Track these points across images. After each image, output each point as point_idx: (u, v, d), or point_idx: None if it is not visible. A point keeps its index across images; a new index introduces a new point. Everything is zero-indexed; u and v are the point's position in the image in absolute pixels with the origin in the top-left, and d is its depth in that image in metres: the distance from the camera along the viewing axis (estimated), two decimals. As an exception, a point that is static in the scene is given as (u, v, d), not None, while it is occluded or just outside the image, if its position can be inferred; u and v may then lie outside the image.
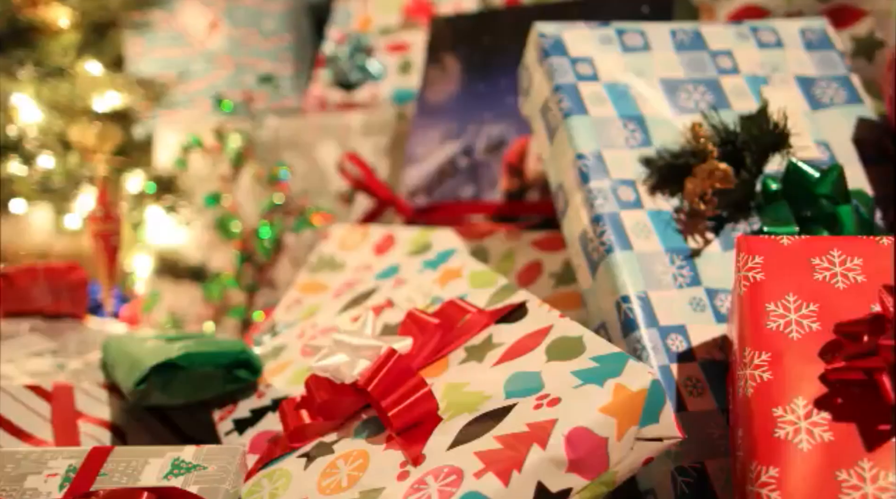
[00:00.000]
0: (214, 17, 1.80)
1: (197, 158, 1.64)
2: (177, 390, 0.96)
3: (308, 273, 1.27)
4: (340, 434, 0.82)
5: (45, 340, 1.22)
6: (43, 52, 1.52)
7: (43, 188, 1.63)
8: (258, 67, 1.79)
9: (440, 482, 0.68)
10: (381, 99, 1.63)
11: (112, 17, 1.59)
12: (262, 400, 0.96)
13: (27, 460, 0.83)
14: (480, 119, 1.31)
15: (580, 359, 0.74)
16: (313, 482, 0.77)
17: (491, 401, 0.75)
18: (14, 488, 0.79)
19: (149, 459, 0.81)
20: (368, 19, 1.73)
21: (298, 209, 1.57)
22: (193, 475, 0.78)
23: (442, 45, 1.40)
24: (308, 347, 1.00)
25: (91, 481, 0.79)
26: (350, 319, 1.02)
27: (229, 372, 0.97)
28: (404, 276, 1.05)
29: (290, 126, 1.61)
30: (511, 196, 1.26)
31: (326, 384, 0.83)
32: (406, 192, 1.36)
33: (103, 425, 1.00)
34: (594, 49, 1.03)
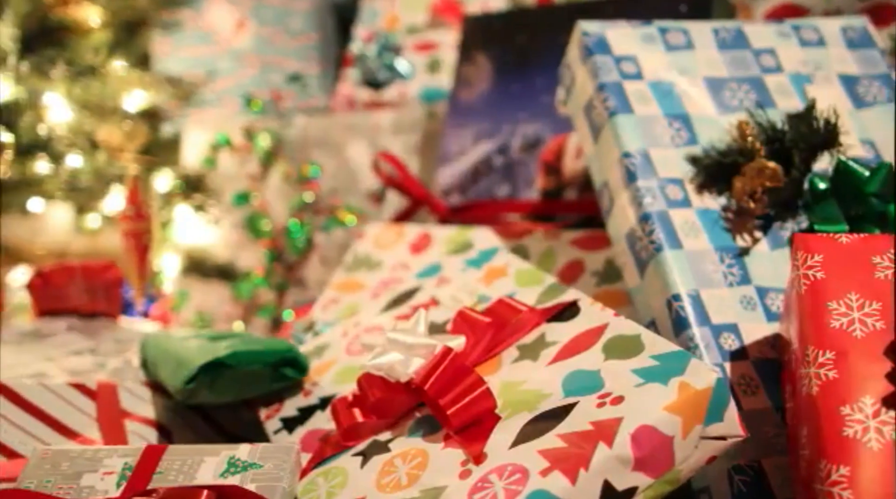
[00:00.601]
0: (241, 15, 1.80)
1: (225, 157, 1.64)
2: (224, 389, 0.96)
3: (344, 272, 1.27)
4: (395, 433, 0.82)
5: (83, 338, 1.23)
6: (74, 52, 1.52)
7: (70, 187, 1.63)
8: (285, 66, 1.79)
9: (504, 481, 0.68)
10: (409, 98, 1.63)
11: (142, 16, 1.59)
12: (309, 399, 0.96)
13: (81, 458, 0.83)
14: (515, 118, 1.31)
15: (640, 357, 0.74)
16: (371, 481, 0.77)
17: (550, 399, 0.75)
18: (71, 486, 0.79)
19: (204, 457, 0.81)
20: (395, 18, 1.73)
21: (328, 208, 1.57)
22: (250, 474, 0.79)
23: (474, 45, 1.40)
24: (356, 346, 1.01)
25: (147, 480, 0.79)
26: (394, 318, 1.02)
27: (275, 370, 0.98)
28: (447, 274, 1.05)
29: (319, 125, 1.61)
30: (548, 195, 1.26)
31: (380, 383, 0.83)
32: (439, 191, 1.36)
33: (149, 424, 1.00)
34: (637, 47, 1.03)
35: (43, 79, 1.48)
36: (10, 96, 1.45)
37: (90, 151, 1.60)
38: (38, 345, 1.19)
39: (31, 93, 1.48)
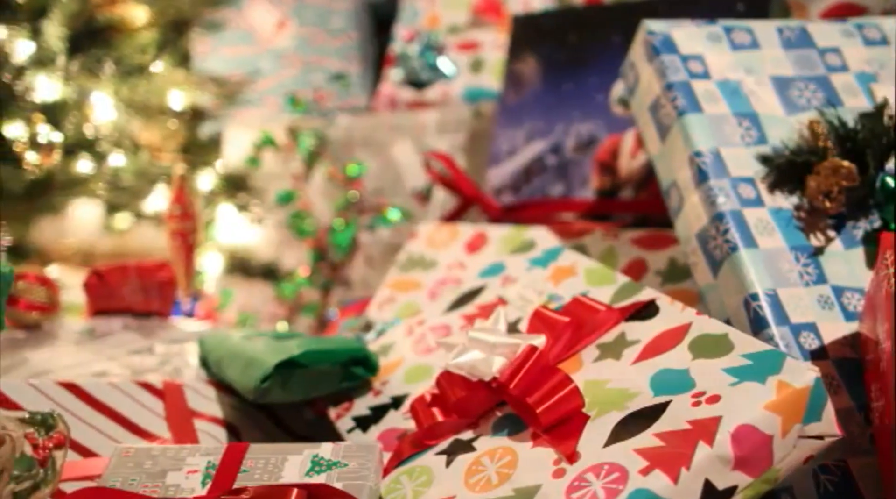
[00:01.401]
0: (282, 15, 1.81)
1: (268, 157, 1.64)
2: (295, 388, 0.96)
3: (398, 271, 1.27)
4: (477, 432, 0.82)
5: (140, 337, 1.23)
6: (120, 51, 1.52)
7: (112, 187, 1.63)
8: (325, 66, 1.79)
9: (602, 480, 0.68)
10: (452, 97, 1.63)
11: (187, 15, 1.59)
12: (380, 398, 0.96)
13: (164, 457, 0.83)
14: (569, 117, 1.31)
15: (730, 356, 0.74)
16: (459, 480, 0.77)
17: (639, 398, 0.75)
18: (157, 485, 0.79)
19: (287, 456, 0.82)
20: (436, 17, 1.73)
21: (373, 207, 1.57)
22: (335, 472, 0.79)
23: (524, 44, 1.40)
24: (423, 345, 1.01)
25: (233, 478, 0.79)
26: (460, 317, 1.02)
27: (345, 369, 0.98)
28: (512, 274, 1.05)
29: (363, 125, 1.62)
30: (603, 194, 1.26)
31: (461, 382, 0.83)
32: (491, 190, 1.36)
33: (217, 423, 1.01)
34: (703, 47, 1.03)
35: (91, 78, 1.48)
36: (58, 96, 1.45)
37: (133, 150, 1.60)
38: (97, 344, 1.19)
39: (79, 92, 1.48)
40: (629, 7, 1.31)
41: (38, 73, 1.45)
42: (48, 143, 1.43)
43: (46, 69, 1.45)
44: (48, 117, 1.45)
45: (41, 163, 1.43)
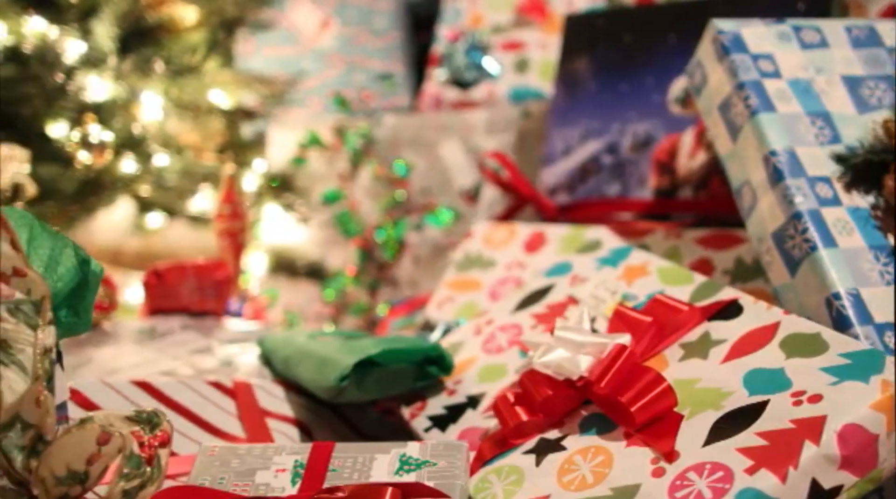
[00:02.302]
0: (325, 15, 1.81)
1: (314, 156, 1.64)
2: (370, 387, 0.96)
3: (456, 271, 1.28)
4: (563, 431, 0.82)
5: (200, 337, 1.23)
6: (169, 51, 1.52)
7: (157, 186, 1.63)
8: (368, 66, 1.79)
9: (706, 479, 0.68)
10: (498, 97, 1.63)
11: (238, 15, 1.60)
12: (455, 397, 0.96)
13: (250, 456, 0.83)
14: (625, 117, 1.31)
15: (827, 356, 0.74)
16: (552, 479, 0.77)
17: (733, 398, 0.75)
18: (246, 484, 0.79)
19: (374, 455, 0.81)
20: (479, 17, 1.73)
21: (420, 207, 1.57)
22: (425, 471, 0.78)
23: (578, 44, 1.39)
24: (494, 345, 1.00)
25: (322, 477, 0.79)
26: (530, 316, 1.02)
27: (419, 369, 0.98)
28: (580, 273, 1.04)
29: (410, 124, 1.62)
30: (661, 194, 1.26)
31: (546, 381, 0.83)
32: (545, 189, 1.36)
33: (290, 422, 1.01)
34: (773, 46, 1.02)
35: (143, 78, 1.48)
36: (108, 95, 1.46)
37: (179, 150, 1.60)
38: (158, 343, 1.19)
39: (129, 92, 1.48)
40: (686, 7, 1.31)
41: (88, 72, 1.45)
42: (99, 143, 1.43)
43: (97, 69, 1.45)
44: (99, 117, 1.45)
45: (92, 163, 1.44)
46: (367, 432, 1.06)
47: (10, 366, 0.66)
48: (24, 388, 0.66)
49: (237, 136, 1.73)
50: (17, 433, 0.67)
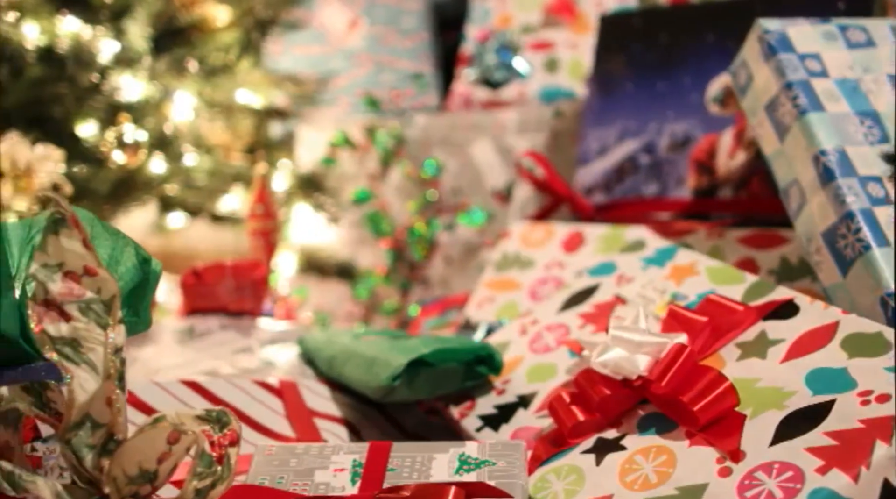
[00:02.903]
0: (354, 15, 1.81)
1: (343, 156, 1.64)
2: (421, 387, 0.96)
3: (494, 271, 1.27)
4: (621, 430, 0.82)
5: (240, 337, 1.23)
6: (202, 51, 1.52)
7: (186, 186, 1.63)
8: (397, 66, 1.79)
9: (776, 479, 0.68)
10: (528, 97, 1.63)
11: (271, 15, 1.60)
12: (505, 397, 0.96)
13: (307, 455, 0.83)
14: (662, 117, 1.31)
15: (890, 355, 0.74)
16: (613, 479, 0.77)
17: (797, 397, 0.75)
18: (305, 483, 0.79)
19: (432, 454, 0.82)
20: (508, 17, 1.73)
21: (452, 207, 1.57)
22: (485, 471, 0.78)
23: (613, 44, 1.39)
24: (540, 344, 1.00)
25: (382, 477, 0.79)
26: (577, 316, 1.02)
27: (469, 368, 0.98)
28: (626, 273, 1.04)
29: (441, 124, 1.62)
30: (700, 194, 1.25)
31: (603, 380, 0.83)
32: (580, 189, 1.36)
33: (338, 422, 1.01)
34: (819, 45, 1.02)
35: (177, 77, 1.48)
36: (142, 95, 1.46)
37: (209, 149, 1.60)
38: (198, 343, 1.19)
39: (163, 92, 1.48)
40: (723, 6, 1.31)
41: (122, 72, 1.45)
42: (134, 142, 1.43)
43: (131, 69, 1.45)
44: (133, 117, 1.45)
45: (127, 163, 1.44)
46: (412, 431, 1.06)
47: (81, 365, 0.67)
48: (95, 387, 0.66)
49: (266, 135, 1.73)
50: (87, 432, 0.67)
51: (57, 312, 0.67)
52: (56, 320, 0.66)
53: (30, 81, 1.48)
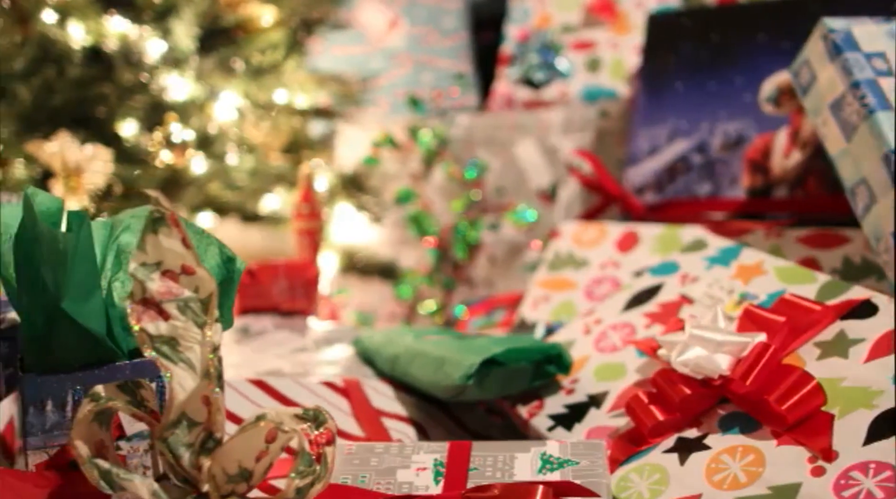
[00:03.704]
0: (394, 14, 1.81)
1: (386, 156, 1.64)
2: (490, 386, 0.96)
3: (547, 270, 1.27)
4: (702, 430, 0.82)
5: (295, 336, 1.23)
6: (247, 51, 1.52)
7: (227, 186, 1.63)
8: (437, 66, 1.79)
9: (874, 478, 0.68)
10: (570, 97, 1.63)
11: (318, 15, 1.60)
12: (574, 396, 0.96)
13: (388, 454, 0.83)
14: (715, 116, 1.30)
15: (980, 355, 0.74)
16: (699, 478, 0.77)
17: (885, 397, 0.75)
18: (388, 482, 0.79)
19: (514, 453, 0.81)
20: (548, 17, 1.73)
21: (496, 206, 1.57)
22: (569, 470, 0.78)
23: (661, 43, 1.39)
24: (606, 343, 1.00)
25: (465, 476, 0.79)
26: (643, 315, 1.02)
27: (538, 368, 0.98)
28: (690, 272, 1.04)
29: (484, 124, 1.61)
30: (755, 193, 1.25)
31: (683, 380, 0.83)
32: (631, 189, 1.36)
33: (405, 421, 1.00)
34: (885, 44, 1.02)
35: (225, 77, 1.48)
36: (188, 95, 1.46)
37: (250, 150, 1.60)
38: (255, 342, 1.19)
39: (209, 92, 1.48)
40: (775, 6, 1.30)
41: (169, 72, 1.45)
42: (182, 142, 1.43)
43: (178, 69, 1.45)
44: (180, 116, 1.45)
45: (174, 162, 1.44)
46: (475, 430, 1.06)
47: (179, 363, 0.67)
48: (193, 385, 0.66)
49: (307, 135, 1.73)
50: (184, 431, 0.67)
51: (155, 311, 0.67)
52: (155, 319, 0.66)
53: (75, 81, 1.48)
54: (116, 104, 1.50)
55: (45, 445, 0.76)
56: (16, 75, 1.45)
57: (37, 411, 0.76)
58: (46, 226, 0.73)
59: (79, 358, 0.76)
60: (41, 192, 0.77)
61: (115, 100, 1.50)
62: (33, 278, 0.74)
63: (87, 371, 0.76)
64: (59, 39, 1.46)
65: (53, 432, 0.76)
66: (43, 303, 0.74)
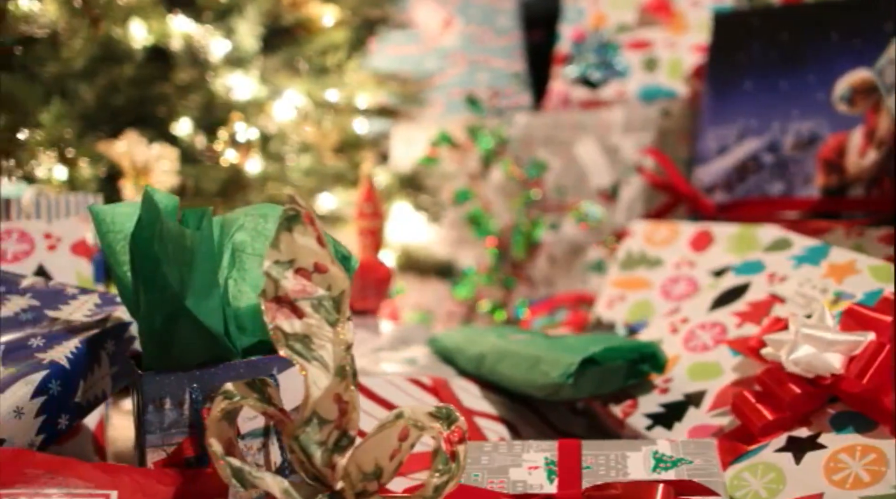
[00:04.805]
0: (448, 14, 1.81)
1: (443, 155, 1.64)
2: (585, 385, 0.96)
3: (620, 270, 1.27)
4: (813, 429, 0.82)
5: (371, 335, 1.23)
6: (309, 50, 1.52)
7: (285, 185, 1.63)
8: (491, 65, 1.79)
9: None
10: (628, 96, 1.63)
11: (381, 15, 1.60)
12: (669, 395, 0.96)
13: (497, 453, 0.83)
14: (787, 116, 1.30)
15: None
16: (819, 477, 0.76)
17: None
18: (501, 480, 0.79)
19: (624, 452, 0.81)
20: (602, 16, 1.73)
21: (556, 206, 1.57)
22: (684, 469, 0.78)
23: (729, 43, 1.39)
24: (697, 343, 1.00)
25: (578, 474, 0.79)
26: (732, 314, 1.02)
27: (632, 367, 0.98)
28: (777, 271, 1.04)
29: (543, 123, 1.61)
30: (830, 192, 1.25)
31: (792, 379, 0.83)
32: (700, 188, 1.36)
33: (496, 420, 1.00)
34: (973, 43, 1.02)
35: (290, 77, 1.48)
36: (252, 94, 1.46)
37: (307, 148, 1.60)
38: (332, 341, 1.19)
39: (272, 91, 1.48)
40: (846, 5, 1.30)
41: (233, 71, 1.45)
42: (246, 142, 1.43)
43: (242, 68, 1.45)
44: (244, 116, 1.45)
45: (239, 161, 1.44)
46: (561, 428, 1.06)
47: (312, 362, 0.67)
48: (326, 383, 0.66)
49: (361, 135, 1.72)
50: (314, 429, 0.67)
51: (289, 309, 0.67)
52: (289, 317, 0.66)
53: (135, 81, 1.48)
54: (177, 104, 1.50)
55: (163, 443, 0.76)
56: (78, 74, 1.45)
57: (156, 410, 0.76)
58: (174, 223, 0.73)
59: (196, 357, 0.76)
60: (158, 190, 0.77)
61: (175, 99, 1.50)
62: (153, 277, 0.74)
63: (203, 370, 0.76)
64: (121, 39, 1.46)
65: (171, 431, 0.76)
66: (163, 301, 0.74)
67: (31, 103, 1.34)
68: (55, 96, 1.38)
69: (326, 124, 1.60)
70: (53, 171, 1.38)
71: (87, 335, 0.83)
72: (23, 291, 0.89)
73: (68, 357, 0.80)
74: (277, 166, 1.59)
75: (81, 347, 0.81)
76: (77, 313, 0.87)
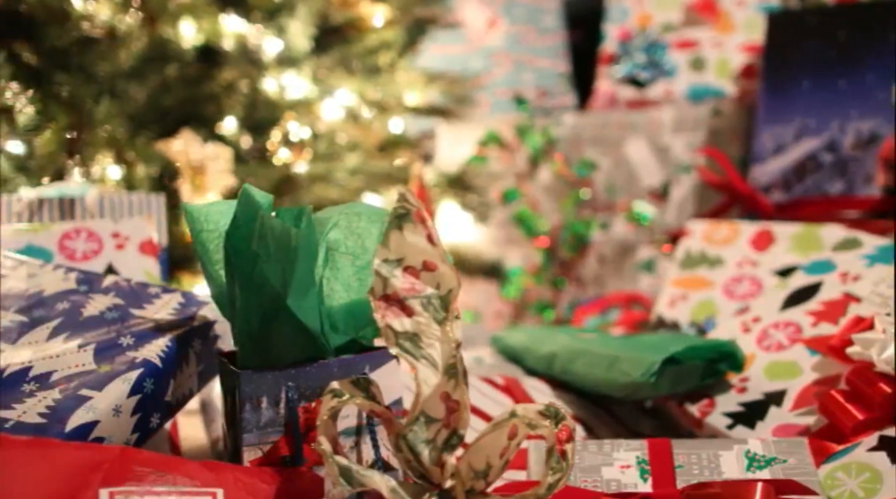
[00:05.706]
0: (493, 14, 1.81)
1: (491, 155, 1.64)
2: (663, 384, 0.96)
3: (680, 269, 1.27)
4: (905, 428, 0.82)
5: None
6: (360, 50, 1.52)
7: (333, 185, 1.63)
8: (536, 65, 1.79)
9: None
10: (675, 96, 1.63)
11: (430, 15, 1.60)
12: (747, 394, 0.95)
13: (587, 451, 0.83)
14: (846, 115, 1.30)
15: None
16: (918, 478, 0.76)
17: None
18: (595, 479, 0.79)
19: (716, 451, 0.81)
20: (647, 16, 1.73)
21: (606, 205, 1.57)
22: (778, 468, 0.78)
23: (784, 42, 1.39)
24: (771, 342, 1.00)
25: (671, 473, 0.79)
26: (806, 314, 1.02)
27: (709, 366, 0.97)
28: (850, 271, 1.04)
29: (591, 123, 1.61)
30: (891, 192, 1.25)
31: (882, 378, 0.83)
32: (756, 187, 1.36)
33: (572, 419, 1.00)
34: None
35: (343, 76, 1.48)
36: (303, 94, 1.46)
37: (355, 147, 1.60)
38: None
39: (325, 90, 1.48)
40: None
41: (285, 71, 1.45)
42: (299, 141, 1.44)
43: (295, 67, 1.45)
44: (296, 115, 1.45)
45: (292, 161, 1.44)
46: (632, 428, 1.06)
47: (421, 360, 0.67)
48: (435, 382, 0.66)
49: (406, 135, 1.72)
50: (421, 427, 0.67)
51: (398, 307, 0.67)
52: (399, 315, 0.66)
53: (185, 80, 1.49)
54: (224, 103, 1.50)
55: (259, 442, 0.76)
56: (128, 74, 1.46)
57: (252, 408, 0.76)
58: (277, 221, 0.73)
59: (293, 355, 0.76)
60: (255, 188, 0.77)
61: (223, 99, 1.50)
62: (250, 275, 0.74)
63: (299, 368, 0.76)
64: (171, 38, 1.46)
65: (267, 429, 0.76)
66: (261, 300, 0.74)
67: (87, 103, 1.35)
68: (105, 96, 1.38)
69: (375, 124, 1.60)
70: (107, 170, 1.38)
71: (175, 334, 0.83)
72: (105, 290, 0.89)
73: (160, 356, 0.80)
74: (324, 166, 1.59)
75: (171, 346, 0.81)
76: (162, 312, 0.87)
